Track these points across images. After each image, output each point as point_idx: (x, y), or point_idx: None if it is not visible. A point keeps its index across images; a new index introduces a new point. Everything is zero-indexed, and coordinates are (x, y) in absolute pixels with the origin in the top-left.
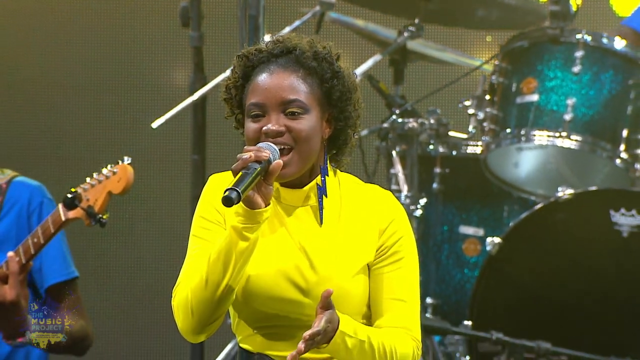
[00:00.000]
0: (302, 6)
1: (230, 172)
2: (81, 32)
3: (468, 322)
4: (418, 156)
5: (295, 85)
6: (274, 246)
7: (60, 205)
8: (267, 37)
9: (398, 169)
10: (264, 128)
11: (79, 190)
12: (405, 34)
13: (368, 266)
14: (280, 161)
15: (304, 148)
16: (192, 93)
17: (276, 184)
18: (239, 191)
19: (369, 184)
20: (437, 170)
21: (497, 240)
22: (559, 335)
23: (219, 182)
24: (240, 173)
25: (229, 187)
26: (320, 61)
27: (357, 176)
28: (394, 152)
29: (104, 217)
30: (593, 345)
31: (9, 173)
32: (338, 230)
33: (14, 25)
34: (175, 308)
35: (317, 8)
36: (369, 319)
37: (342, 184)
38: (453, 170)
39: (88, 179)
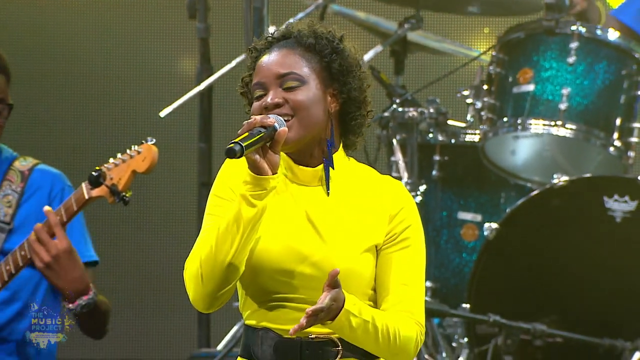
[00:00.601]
0: None
1: (244, 157)
2: (92, 24)
3: (466, 305)
4: (418, 144)
5: (290, 61)
6: (284, 222)
7: (83, 184)
8: (271, 29)
9: (398, 156)
10: (263, 104)
11: (103, 168)
12: (406, 26)
13: (377, 250)
14: (286, 128)
15: (304, 115)
16: (198, 83)
17: (290, 162)
18: (242, 145)
19: (381, 174)
20: (437, 157)
21: (494, 225)
22: (554, 318)
23: (234, 165)
24: (245, 134)
25: (233, 140)
26: (319, 38)
27: None
28: (394, 140)
29: (127, 195)
30: (587, 327)
31: (30, 161)
32: (348, 211)
33: (26, 17)
34: (186, 279)
35: (320, 0)
36: (374, 302)
37: (355, 169)
38: (452, 158)
39: (112, 159)
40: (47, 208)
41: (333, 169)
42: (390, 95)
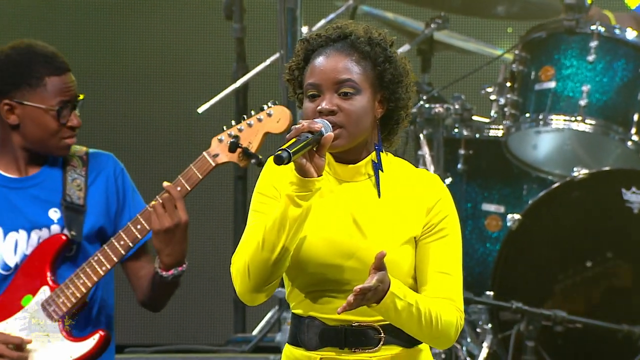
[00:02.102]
0: (336, 0)
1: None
2: (135, 25)
3: (490, 293)
4: (444, 139)
5: (348, 67)
6: (327, 216)
7: (205, 153)
8: (304, 29)
9: (425, 150)
10: (318, 107)
11: (236, 132)
12: (432, 26)
13: (415, 241)
14: (332, 134)
15: (353, 126)
16: (234, 81)
17: (332, 160)
18: (290, 152)
19: (417, 168)
20: (462, 151)
21: (517, 216)
22: (574, 305)
23: (273, 171)
24: (293, 139)
25: (281, 148)
26: (374, 46)
27: None
28: (421, 135)
29: (260, 156)
30: (605, 314)
31: (79, 146)
32: (387, 204)
33: (72, 16)
34: (233, 273)
35: (351, 1)
36: (414, 291)
37: (393, 164)
38: (476, 152)
39: (238, 123)
40: (166, 184)
41: (382, 172)
42: (417, 92)
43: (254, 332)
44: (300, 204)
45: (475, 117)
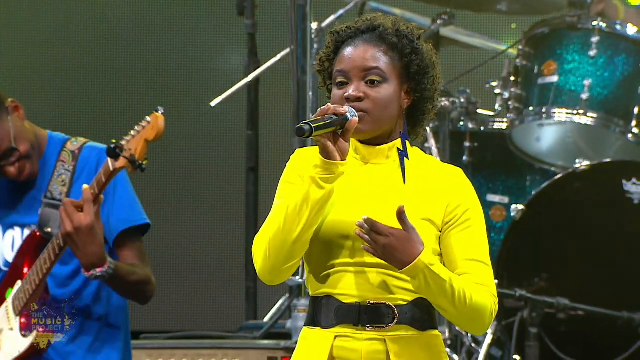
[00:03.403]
0: None
1: (314, 147)
2: (150, 21)
3: (494, 281)
4: (449, 131)
5: (376, 56)
6: (347, 196)
7: (108, 158)
8: (314, 25)
9: (432, 143)
10: (345, 94)
11: (123, 142)
12: (439, 22)
13: (439, 232)
14: (356, 119)
15: (379, 112)
16: (246, 75)
17: (357, 143)
18: (312, 126)
19: (442, 162)
20: (467, 144)
21: (520, 207)
22: (576, 292)
23: (303, 154)
24: (316, 117)
25: (304, 121)
26: (402, 38)
27: None
28: (427, 128)
29: (144, 163)
30: (606, 301)
31: (81, 140)
32: (410, 189)
33: (87, 14)
34: (254, 253)
35: None
36: None
37: (418, 156)
38: (481, 145)
39: (130, 131)
40: (85, 186)
41: (408, 159)
42: None
43: (265, 319)
44: (323, 186)
45: (480, 111)
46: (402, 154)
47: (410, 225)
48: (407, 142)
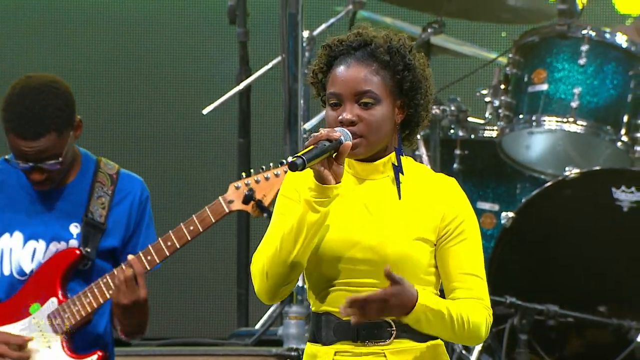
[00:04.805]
0: (336, 5)
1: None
2: (141, 28)
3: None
4: (440, 139)
5: (368, 78)
6: (344, 213)
7: (220, 198)
8: (305, 33)
9: (422, 150)
10: (339, 117)
11: (252, 184)
12: (429, 30)
13: (434, 246)
14: (350, 143)
15: (373, 135)
16: (238, 83)
17: (351, 159)
18: (304, 159)
19: (435, 172)
20: (457, 152)
21: (510, 214)
22: (566, 300)
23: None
24: (311, 147)
25: (296, 154)
26: (394, 55)
27: None
28: (418, 136)
29: (272, 210)
30: (596, 308)
31: (113, 164)
32: (405, 204)
33: (74, 19)
34: (253, 273)
35: (350, 7)
36: (432, 286)
37: (412, 167)
38: (471, 152)
39: (254, 174)
40: (131, 257)
41: (403, 174)
42: None
43: (257, 326)
44: (318, 209)
45: (470, 119)
46: (397, 170)
47: (399, 278)
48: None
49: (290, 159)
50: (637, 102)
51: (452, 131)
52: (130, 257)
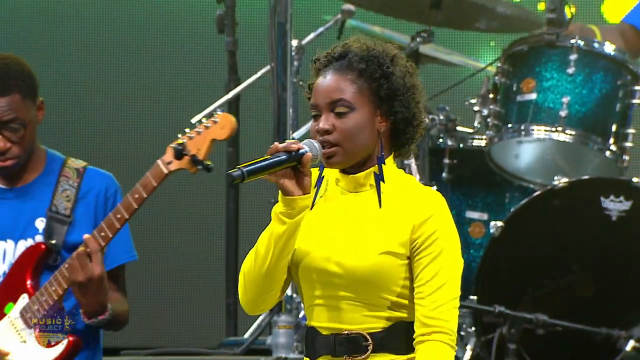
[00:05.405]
0: (325, 14)
1: (314, 169)
2: (129, 38)
3: (474, 297)
4: (429, 148)
5: (341, 87)
6: (323, 226)
7: (159, 161)
8: (294, 42)
9: (411, 160)
10: (316, 127)
11: (185, 140)
12: (418, 40)
13: (408, 259)
14: (310, 154)
15: (349, 143)
16: (227, 92)
17: (337, 172)
18: (244, 171)
19: (422, 185)
20: (446, 161)
21: (499, 223)
22: (555, 309)
23: None
24: (258, 159)
25: (238, 166)
26: (370, 63)
27: None
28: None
29: (209, 163)
30: (585, 317)
31: (81, 161)
32: (384, 215)
33: (64, 27)
34: (239, 284)
35: (339, 16)
36: (405, 298)
37: (397, 178)
38: (460, 161)
39: (188, 130)
40: (86, 236)
41: (384, 182)
42: None
43: (246, 335)
44: (285, 221)
45: (459, 128)
46: (378, 178)
47: None
48: (394, 164)
49: (228, 171)
50: (625, 111)
51: (440, 140)
52: (85, 235)
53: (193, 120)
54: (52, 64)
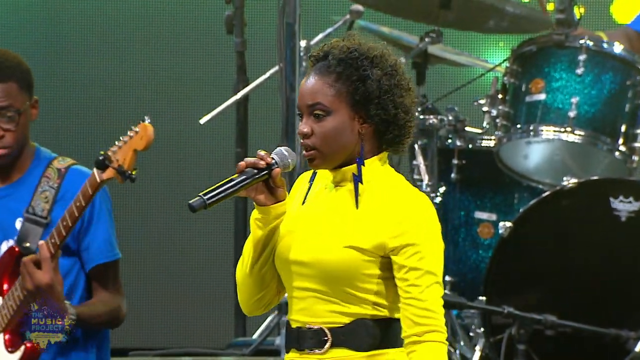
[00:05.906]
0: (334, 15)
1: (313, 170)
2: (139, 39)
3: (482, 298)
4: (438, 149)
5: (319, 90)
6: (301, 218)
7: (94, 170)
8: (302, 43)
9: (420, 160)
10: (297, 130)
11: (109, 152)
12: (427, 40)
13: (382, 257)
14: (279, 169)
15: (328, 146)
16: (235, 93)
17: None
18: (204, 199)
19: (407, 186)
20: (455, 161)
21: (508, 224)
22: (564, 309)
23: (305, 178)
24: (225, 180)
25: (200, 193)
26: (347, 66)
27: None
28: (416, 145)
29: (133, 173)
30: (594, 318)
31: (68, 160)
32: (359, 211)
33: (73, 28)
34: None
35: (348, 16)
36: (377, 297)
37: (382, 178)
38: (469, 162)
39: (116, 142)
40: (41, 242)
41: (362, 184)
42: None
43: (254, 336)
44: (261, 226)
45: (468, 128)
46: (356, 179)
47: None
48: (380, 163)
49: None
50: (634, 111)
51: (449, 141)
52: (40, 242)
53: (202, 121)
54: (52, 64)
